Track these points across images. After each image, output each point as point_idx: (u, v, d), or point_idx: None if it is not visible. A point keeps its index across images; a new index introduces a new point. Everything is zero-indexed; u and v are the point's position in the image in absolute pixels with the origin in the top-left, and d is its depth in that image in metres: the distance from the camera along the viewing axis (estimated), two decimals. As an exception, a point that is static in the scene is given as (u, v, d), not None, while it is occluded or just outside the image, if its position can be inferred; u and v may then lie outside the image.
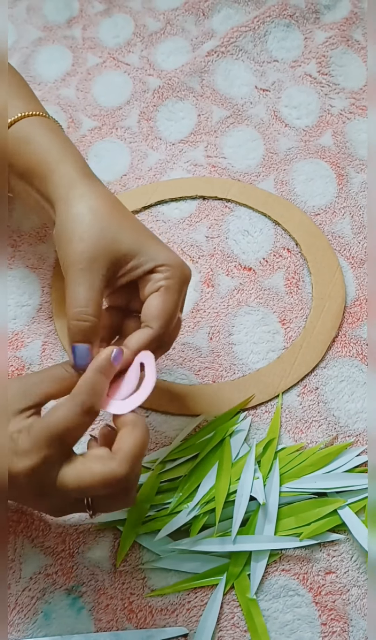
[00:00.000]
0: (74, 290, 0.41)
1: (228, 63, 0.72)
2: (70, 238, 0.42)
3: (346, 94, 0.70)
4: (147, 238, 0.44)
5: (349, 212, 0.63)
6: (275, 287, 0.59)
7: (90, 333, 0.41)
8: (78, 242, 0.42)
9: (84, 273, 0.41)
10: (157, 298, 0.42)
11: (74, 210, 0.43)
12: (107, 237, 0.42)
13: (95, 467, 0.38)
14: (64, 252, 0.42)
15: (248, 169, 0.66)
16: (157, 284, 0.43)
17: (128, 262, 0.43)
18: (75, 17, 0.76)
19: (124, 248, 0.42)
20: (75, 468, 0.38)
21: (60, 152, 0.46)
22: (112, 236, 0.42)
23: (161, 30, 0.75)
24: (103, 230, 0.42)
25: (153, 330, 0.42)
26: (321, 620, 0.47)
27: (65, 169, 0.45)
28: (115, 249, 0.42)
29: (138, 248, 0.43)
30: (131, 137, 0.68)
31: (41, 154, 0.46)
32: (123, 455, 0.38)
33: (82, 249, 0.41)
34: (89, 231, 0.42)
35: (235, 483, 0.50)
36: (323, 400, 0.55)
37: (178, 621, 0.47)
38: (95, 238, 0.42)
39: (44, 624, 0.47)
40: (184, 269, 0.44)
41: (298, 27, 0.74)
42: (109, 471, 0.38)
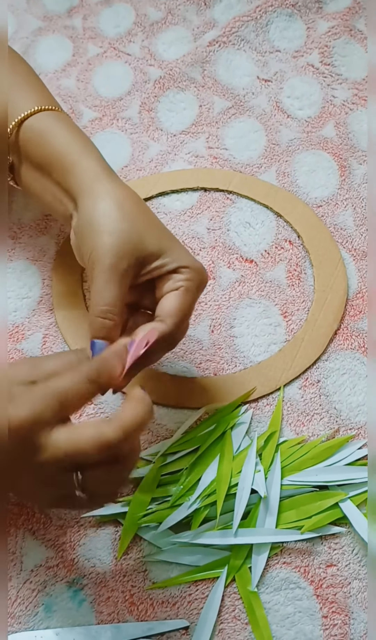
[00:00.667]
0: (102, 286, 0.42)
1: (229, 53, 0.71)
2: (98, 231, 0.42)
3: (348, 85, 0.69)
4: (171, 240, 0.45)
5: (351, 204, 0.63)
6: (277, 279, 0.59)
7: (113, 331, 0.42)
8: (107, 237, 0.42)
9: (112, 270, 0.42)
10: (175, 297, 0.43)
11: (102, 204, 0.43)
12: (135, 234, 0.43)
13: (88, 429, 0.37)
14: (90, 245, 0.43)
15: (250, 161, 0.65)
16: (177, 284, 0.43)
17: (153, 261, 0.44)
18: (76, 7, 0.76)
19: (151, 247, 0.43)
20: (68, 430, 0.37)
21: (83, 146, 0.47)
22: (139, 234, 0.43)
23: (162, 20, 0.74)
24: (131, 227, 0.43)
25: (166, 326, 0.43)
26: (322, 613, 0.47)
27: (88, 163, 0.46)
28: (142, 247, 0.43)
29: (164, 248, 0.44)
30: (132, 128, 0.68)
31: (63, 147, 0.47)
32: (118, 422, 0.37)
33: (111, 244, 0.42)
34: (119, 227, 0.42)
35: (236, 476, 0.50)
36: (324, 393, 0.55)
37: (179, 614, 0.47)
38: (125, 234, 0.42)
39: (45, 616, 0.47)
40: (204, 275, 0.45)
41: (300, 17, 0.73)
42: (100, 434, 0.36)
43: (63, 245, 0.60)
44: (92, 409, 0.54)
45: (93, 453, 0.36)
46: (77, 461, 0.37)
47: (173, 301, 0.43)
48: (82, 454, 0.36)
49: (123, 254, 0.42)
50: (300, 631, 0.47)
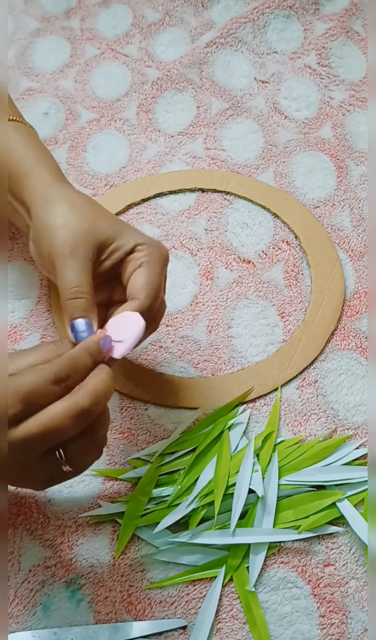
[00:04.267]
0: (65, 272, 0.42)
1: (227, 54, 0.71)
2: (52, 230, 0.43)
3: (346, 86, 0.70)
4: (124, 225, 0.46)
5: (348, 205, 0.63)
6: (274, 280, 0.59)
7: (88, 308, 0.42)
8: (61, 231, 0.43)
9: (71, 257, 0.42)
10: (140, 273, 0.44)
11: (53, 207, 0.45)
12: (88, 223, 0.44)
13: (58, 405, 0.37)
14: (47, 244, 0.43)
15: (248, 162, 0.66)
16: (139, 261, 0.44)
17: (109, 245, 0.44)
18: (74, 8, 0.76)
19: (105, 233, 0.44)
20: (36, 417, 0.37)
21: (36, 157, 0.48)
22: (91, 223, 0.44)
23: (160, 21, 0.74)
24: (84, 218, 0.44)
25: (139, 301, 0.43)
26: (320, 612, 0.47)
27: (40, 174, 0.47)
28: (96, 234, 0.44)
29: (117, 232, 0.45)
30: (130, 129, 0.68)
31: (17, 160, 0.48)
32: (85, 389, 0.38)
33: (65, 236, 0.43)
34: (71, 221, 0.44)
35: (234, 476, 0.50)
36: (322, 393, 0.55)
37: (177, 613, 0.47)
38: (77, 226, 0.43)
39: (43, 616, 0.47)
40: (162, 248, 0.45)
41: (297, 19, 0.73)
42: (71, 404, 0.37)
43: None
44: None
45: (70, 425, 0.37)
46: (56, 438, 0.37)
47: (139, 277, 0.43)
48: (59, 430, 0.36)
49: (79, 241, 0.43)
50: (297, 630, 0.47)
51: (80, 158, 0.66)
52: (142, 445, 0.53)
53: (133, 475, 0.51)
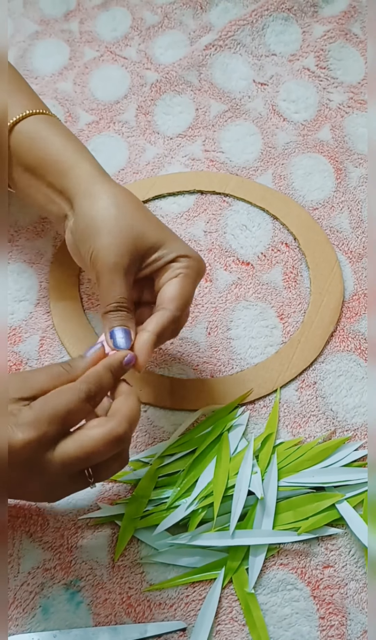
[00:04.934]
0: (108, 285, 0.43)
1: (226, 57, 0.72)
2: (97, 231, 0.44)
3: (344, 88, 0.70)
4: (169, 233, 0.46)
5: (347, 207, 0.63)
6: (273, 281, 0.59)
7: (128, 320, 0.44)
8: (107, 236, 0.44)
9: (116, 268, 0.43)
10: (175, 284, 0.45)
11: (99, 204, 0.45)
12: (134, 231, 0.44)
13: (95, 431, 0.39)
14: (90, 246, 0.44)
15: (246, 164, 0.66)
16: (176, 272, 0.45)
17: (152, 254, 0.45)
18: (73, 11, 0.76)
19: (150, 241, 0.45)
20: (74, 438, 0.39)
21: (77, 150, 0.48)
22: (138, 230, 0.44)
23: (159, 23, 0.74)
24: (129, 224, 0.44)
25: (170, 312, 0.44)
26: (320, 614, 0.47)
27: (83, 166, 0.47)
28: (141, 242, 0.44)
29: (162, 241, 0.45)
30: (129, 132, 0.68)
31: (57, 150, 0.48)
32: (121, 416, 0.40)
33: (111, 243, 0.43)
34: (117, 225, 0.44)
35: (233, 477, 0.50)
36: (321, 394, 0.55)
37: (176, 615, 0.47)
38: (123, 232, 0.44)
39: (42, 618, 0.47)
40: (201, 263, 0.47)
41: (296, 21, 0.73)
42: (109, 431, 0.39)
43: (60, 248, 0.60)
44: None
45: (106, 450, 0.39)
46: (93, 462, 0.39)
47: (173, 288, 0.45)
48: (95, 454, 0.39)
49: (124, 251, 0.44)
50: (297, 632, 0.47)
51: (79, 160, 0.66)
52: (141, 447, 0.53)
53: (133, 477, 0.51)
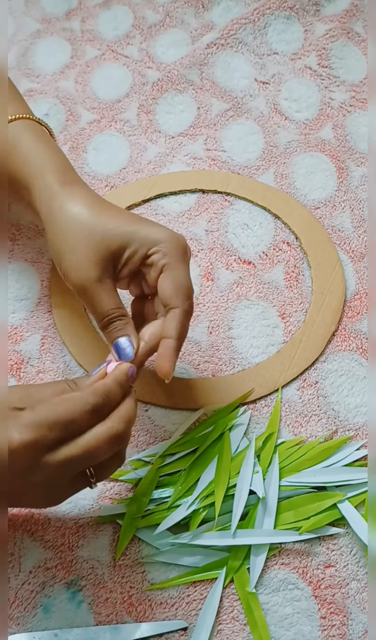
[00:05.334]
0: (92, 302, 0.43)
1: (227, 55, 0.71)
2: (62, 253, 0.44)
3: (346, 87, 0.70)
4: (132, 224, 0.45)
5: (349, 206, 0.63)
6: (275, 281, 0.59)
7: (127, 327, 0.44)
8: (71, 255, 0.43)
9: (90, 281, 0.43)
10: (166, 277, 0.44)
11: (58, 223, 0.44)
12: (97, 238, 0.43)
13: (95, 430, 0.39)
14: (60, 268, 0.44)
15: (248, 163, 0.66)
16: (160, 265, 0.44)
17: (122, 254, 0.44)
18: (74, 9, 0.76)
19: (116, 242, 0.44)
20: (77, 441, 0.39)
21: (41, 160, 0.47)
22: (101, 236, 0.43)
23: (160, 22, 0.74)
24: (91, 233, 0.43)
25: (180, 309, 0.44)
26: (321, 613, 0.47)
27: (45, 179, 0.46)
28: (107, 247, 0.43)
29: (128, 237, 0.44)
30: (130, 130, 0.68)
31: (23, 163, 0.47)
32: (118, 415, 0.40)
33: (78, 261, 0.43)
34: (79, 241, 0.43)
35: (234, 477, 0.50)
36: (322, 394, 0.55)
37: (177, 615, 0.47)
38: (85, 244, 0.43)
39: (43, 617, 0.47)
40: (179, 240, 0.45)
41: (298, 20, 0.73)
42: (109, 429, 0.39)
43: (61, 247, 0.60)
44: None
45: (107, 448, 0.39)
46: (95, 460, 0.39)
47: (167, 283, 0.44)
48: (99, 452, 0.39)
49: (91, 264, 0.43)
50: (298, 632, 0.47)
51: (80, 159, 0.66)
52: (143, 446, 0.53)
53: (134, 476, 0.51)
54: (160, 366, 0.44)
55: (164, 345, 0.44)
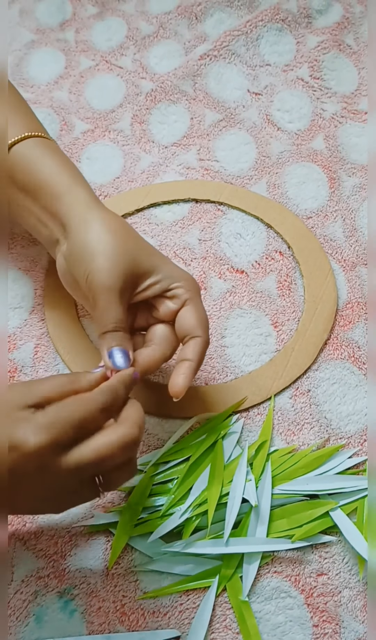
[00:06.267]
0: (105, 307, 0.44)
1: (220, 67, 0.72)
2: (92, 255, 0.45)
3: (338, 98, 0.70)
4: (161, 258, 0.48)
5: (341, 216, 0.63)
6: (268, 289, 0.60)
7: (126, 340, 0.45)
8: (102, 259, 0.44)
9: (112, 290, 0.44)
10: (190, 311, 0.46)
11: (94, 230, 0.46)
12: (127, 255, 0.45)
13: (109, 435, 0.39)
14: (85, 269, 0.45)
15: (241, 172, 0.66)
16: (183, 298, 0.46)
17: (146, 279, 0.46)
18: (68, 20, 0.76)
19: (144, 266, 0.46)
20: (88, 443, 0.39)
21: (72, 176, 0.49)
22: (132, 255, 0.46)
23: (154, 33, 0.75)
24: (123, 249, 0.45)
25: (201, 338, 0.46)
26: (313, 622, 0.47)
27: (78, 192, 0.48)
28: (135, 267, 0.45)
29: (155, 267, 0.46)
30: (124, 140, 0.68)
31: (52, 175, 0.49)
32: (131, 421, 0.41)
33: (107, 266, 0.44)
34: (112, 249, 0.45)
35: (227, 485, 0.50)
36: (315, 402, 0.55)
37: (170, 623, 0.47)
38: (118, 256, 0.45)
39: (35, 627, 0.47)
40: (195, 282, 0.48)
41: (290, 32, 0.74)
42: (122, 435, 0.40)
43: (55, 255, 0.61)
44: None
45: (120, 454, 0.39)
46: (107, 465, 0.39)
47: (191, 314, 0.46)
48: (111, 457, 0.39)
49: (120, 274, 0.44)
50: (291, 640, 0.47)
51: (74, 168, 0.66)
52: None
53: (127, 484, 0.51)
54: (175, 384, 0.45)
55: (183, 365, 0.46)
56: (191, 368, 0.45)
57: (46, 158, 0.49)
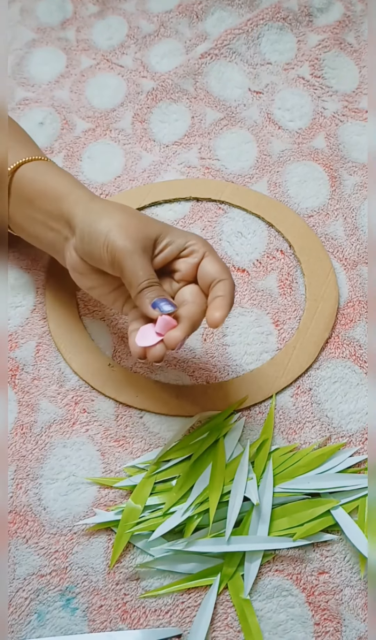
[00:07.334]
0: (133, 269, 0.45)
1: (221, 65, 0.72)
2: (107, 230, 0.46)
3: (339, 97, 0.70)
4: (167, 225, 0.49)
5: (342, 214, 0.63)
6: (269, 288, 0.60)
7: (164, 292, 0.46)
8: (118, 229, 0.46)
9: (137, 253, 0.46)
10: (211, 260, 0.47)
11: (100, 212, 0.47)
12: (140, 223, 0.47)
13: None
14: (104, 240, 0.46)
15: (242, 171, 0.66)
16: (201, 251, 0.48)
17: (161, 241, 0.48)
18: (69, 19, 0.76)
19: (155, 230, 0.47)
20: None
21: (72, 181, 0.51)
22: (142, 222, 0.47)
23: (155, 32, 0.75)
24: (134, 218, 0.47)
25: (228, 280, 0.46)
26: (315, 620, 0.47)
27: (80, 191, 0.50)
28: (148, 230, 0.47)
29: (165, 229, 0.48)
30: (125, 139, 0.68)
31: (54, 182, 0.51)
32: None
33: (125, 234, 0.46)
34: (124, 220, 0.47)
35: (228, 484, 0.50)
36: (316, 401, 0.55)
37: (172, 622, 0.47)
38: (131, 223, 0.47)
39: (37, 625, 0.47)
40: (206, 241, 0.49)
41: (291, 30, 0.74)
42: None
43: (56, 254, 0.61)
44: (85, 417, 0.54)
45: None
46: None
47: (212, 264, 0.47)
48: None
49: (136, 237, 0.46)
50: (292, 638, 0.47)
51: (75, 167, 0.66)
52: (137, 453, 0.53)
53: (129, 483, 0.51)
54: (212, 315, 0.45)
55: (216, 300, 0.46)
56: (225, 301, 0.45)
57: (46, 172, 0.51)
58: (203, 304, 0.47)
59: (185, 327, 0.44)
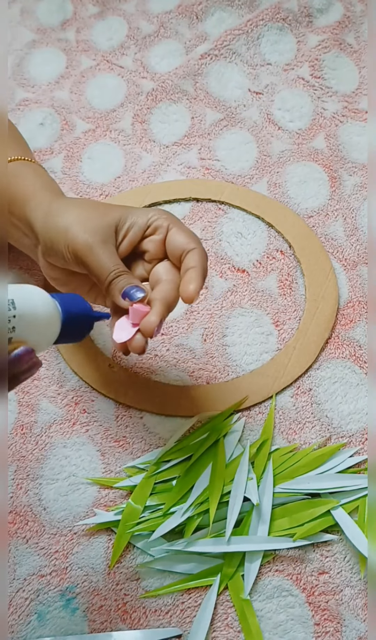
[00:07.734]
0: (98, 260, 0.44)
1: (221, 66, 0.72)
2: (65, 228, 0.45)
3: (338, 97, 0.70)
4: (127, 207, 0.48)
5: (342, 215, 0.63)
6: (269, 289, 0.60)
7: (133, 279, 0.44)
8: (76, 226, 0.45)
9: (98, 245, 0.45)
10: (177, 231, 0.46)
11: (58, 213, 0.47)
12: (96, 213, 0.46)
13: None
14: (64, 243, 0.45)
15: (242, 172, 0.66)
16: (165, 225, 0.46)
17: (123, 226, 0.46)
18: (69, 20, 0.76)
19: (113, 217, 0.46)
20: None
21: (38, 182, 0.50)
22: (98, 212, 0.46)
23: (155, 33, 0.75)
24: (90, 210, 0.46)
25: (197, 249, 0.45)
26: (315, 620, 0.47)
27: (42, 194, 0.49)
28: (109, 219, 0.46)
29: (125, 212, 0.47)
30: (125, 140, 0.68)
31: (22, 185, 0.50)
32: None
33: (82, 229, 0.45)
34: (79, 216, 0.46)
35: (229, 484, 0.50)
36: (316, 401, 0.55)
37: (172, 622, 0.47)
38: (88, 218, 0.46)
39: (37, 625, 0.47)
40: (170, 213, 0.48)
41: (291, 31, 0.74)
42: None
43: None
44: (85, 417, 0.54)
45: None
46: None
47: (178, 235, 0.46)
48: None
49: (96, 229, 0.45)
50: (292, 639, 0.47)
51: (75, 168, 0.66)
52: (138, 453, 0.53)
53: (129, 483, 0.51)
54: (186, 289, 0.43)
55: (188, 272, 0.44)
56: (197, 272, 0.44)
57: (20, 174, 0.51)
58: (177, 280, 0.45)
59: (159, 310, 0.42)
